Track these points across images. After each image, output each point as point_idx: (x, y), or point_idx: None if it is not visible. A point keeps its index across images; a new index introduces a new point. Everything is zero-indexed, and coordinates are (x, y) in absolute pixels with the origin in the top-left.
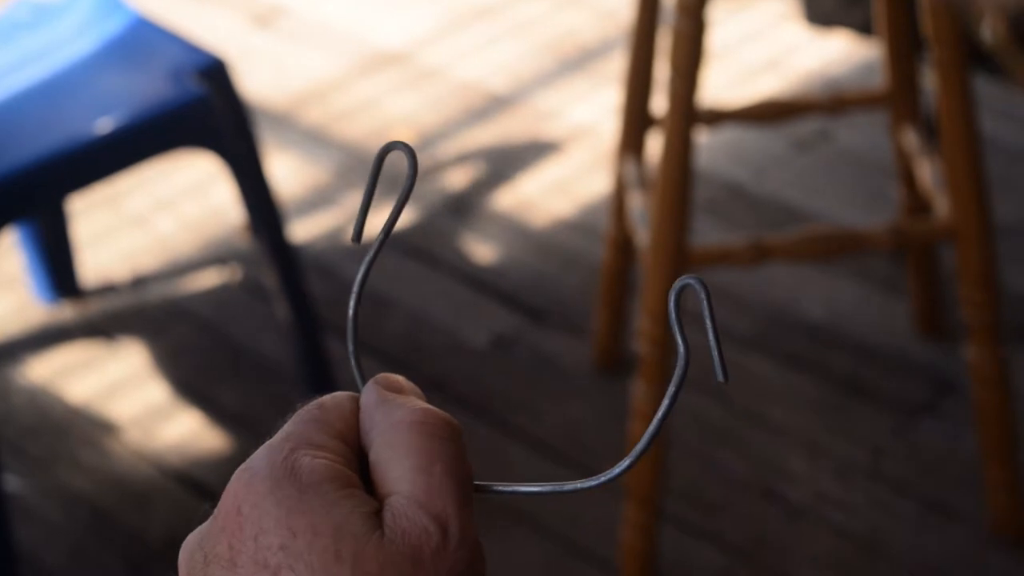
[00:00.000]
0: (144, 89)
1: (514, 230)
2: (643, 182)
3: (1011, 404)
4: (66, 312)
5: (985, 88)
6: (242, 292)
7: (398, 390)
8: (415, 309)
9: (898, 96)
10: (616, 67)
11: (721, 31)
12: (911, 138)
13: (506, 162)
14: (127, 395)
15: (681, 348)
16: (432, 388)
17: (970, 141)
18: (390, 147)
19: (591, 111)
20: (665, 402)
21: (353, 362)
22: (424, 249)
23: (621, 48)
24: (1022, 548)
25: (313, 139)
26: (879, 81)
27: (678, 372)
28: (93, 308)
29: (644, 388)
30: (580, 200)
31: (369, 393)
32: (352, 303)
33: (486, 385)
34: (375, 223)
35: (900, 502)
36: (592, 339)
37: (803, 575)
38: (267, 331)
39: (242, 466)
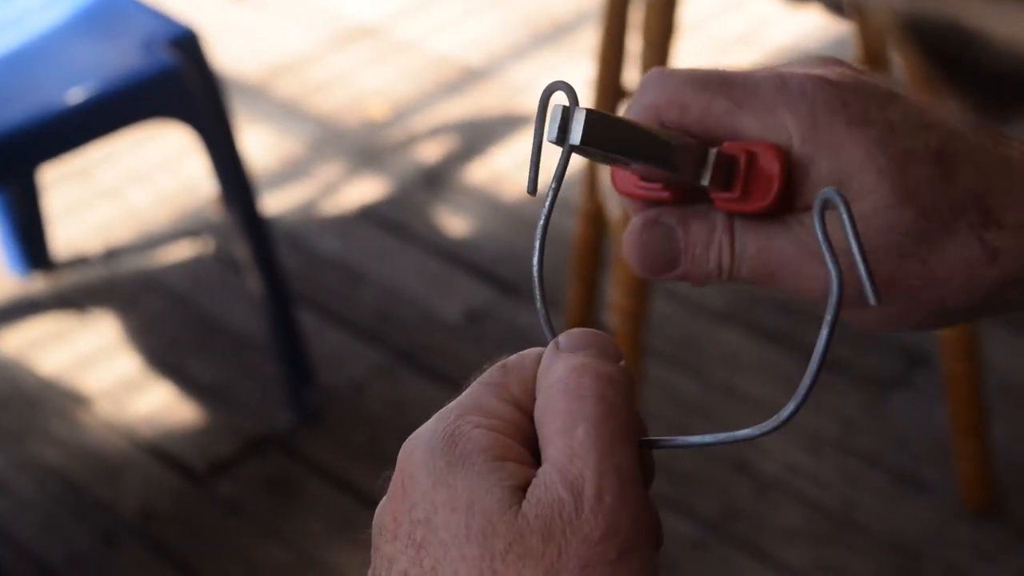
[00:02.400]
0: (116, 59)
1: (487, 203)
2: None
3: (981, 377)
4: (38, 284)
5: None
6: (214, 264)
7: (573, 348)
8: (388, 282)
9: (871, 69)
10: (589, 41)
11: (695, 4)
12: None
13: (479, 135)
14: (99, 367)
15: (833, 272)
16: (404, 361)
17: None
18: (553, 88)
19: None
20: (824, 332)
21: (542, 318)
22: (397, 222)
23: (594, 22)
24: (992, 520)
25: (286, 112)
26: (852, 55)
27: (833, 300)
28: (65, 280)
29: None
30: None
31: (545, 356)
32: (536, 259)
33: (458, 358)
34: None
35: (871, 474)
36: (564, 312)
37: (774, 546)
38: (239, 303)
39: (413, 434)
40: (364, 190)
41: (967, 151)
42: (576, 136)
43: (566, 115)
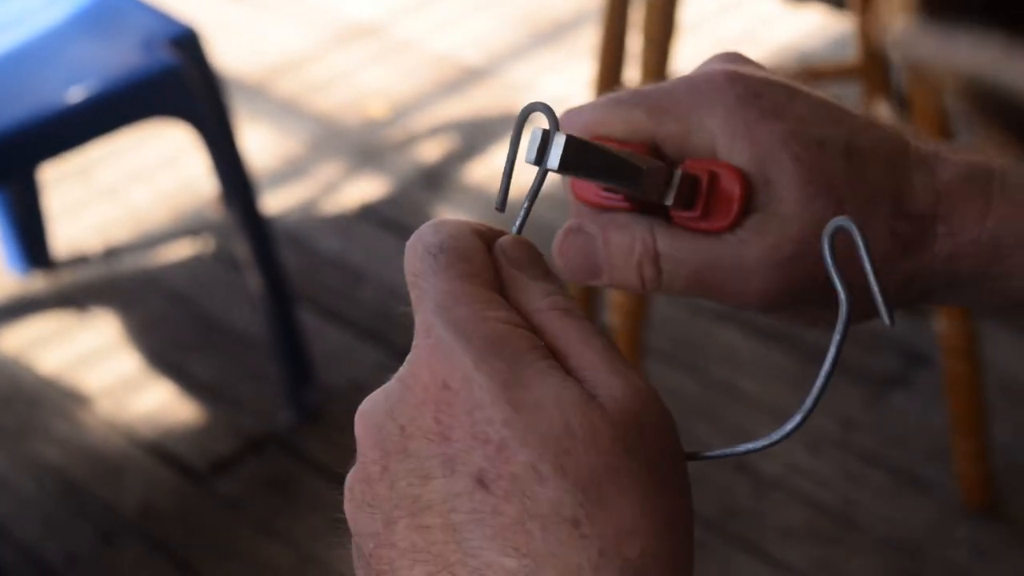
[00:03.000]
0: (116, 58)
1: (487, 203)
2: None
3: (981, 376)
4: (38, 283)
5: None
6: (214, 263)
7: (519, 266)
8: (388, 281)
9: (870, 69)
10: (589, 40)
11: (695, 4)
12: (883, 110)
13: (479, 134)
14: (99, 366)
15: (842, 294)
16: (403, 359)
17: (940, 113)
18: (531, 108)
19: (564, 83)
20: (832, 351)
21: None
22: (397, 221)
23: (594, 21)
24: (991, 519)
25: (286, 110)
26: (852, 54)
27: (841, 321)
28: (65, 279)
29: None
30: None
31: (511, 266)
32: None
33: None
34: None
35: (871, 473)
36: None
37: (774, 545)
38: (239, 302)
39: (423, 340)
40: (364, 189)
41: (873, 144)
42: (554, 162)
43: (546, 138)
